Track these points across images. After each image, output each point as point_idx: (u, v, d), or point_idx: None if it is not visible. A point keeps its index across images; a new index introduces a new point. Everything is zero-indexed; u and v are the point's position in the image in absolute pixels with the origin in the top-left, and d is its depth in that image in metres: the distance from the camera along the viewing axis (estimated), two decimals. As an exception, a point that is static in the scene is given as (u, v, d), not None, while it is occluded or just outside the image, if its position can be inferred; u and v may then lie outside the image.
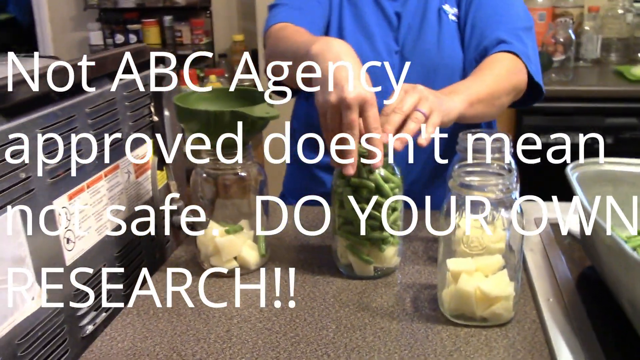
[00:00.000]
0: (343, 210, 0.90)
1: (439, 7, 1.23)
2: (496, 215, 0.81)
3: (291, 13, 1.20)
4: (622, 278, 0.74)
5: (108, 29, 3.08)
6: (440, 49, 1.22)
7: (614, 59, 2.75)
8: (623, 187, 0.96)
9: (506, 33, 1.15)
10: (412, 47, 1.22)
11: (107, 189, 0.93)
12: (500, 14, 1.19)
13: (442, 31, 1.22)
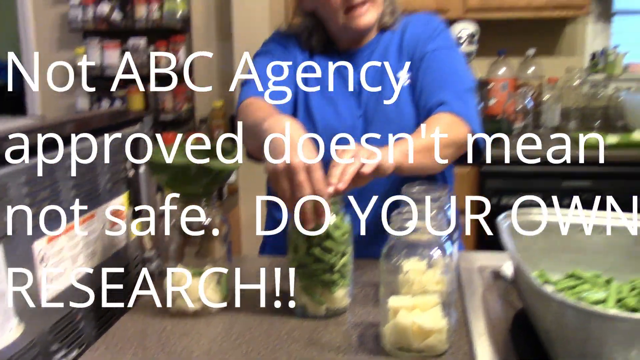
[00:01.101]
0: (297, 255, 0.99)
1: (394, 75, 1.36)
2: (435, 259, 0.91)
3: (259, 87, 1.31)
4: (537, 310, 0.83)
5: (94, 95, 3.22)
6: (399, 113, 1.33)
7: (573, 126, 2.92)
8: (552, 236, 1.07)
9: (448, 95, 1.27)
10: (373, 112, 1.34)
11: (83, 235, 1.02)
12: (444, 78, 1.32)
13: (400, 96, 1.35)
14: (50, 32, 3.33)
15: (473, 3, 2.76)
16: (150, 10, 3.06)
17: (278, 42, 1.43)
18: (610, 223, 1.06)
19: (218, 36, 3.19)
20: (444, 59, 1.35)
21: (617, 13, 3.14)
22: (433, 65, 1.34)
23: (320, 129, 1.34)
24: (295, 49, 1.41)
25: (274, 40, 1.45)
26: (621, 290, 0.90)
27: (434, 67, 1.33)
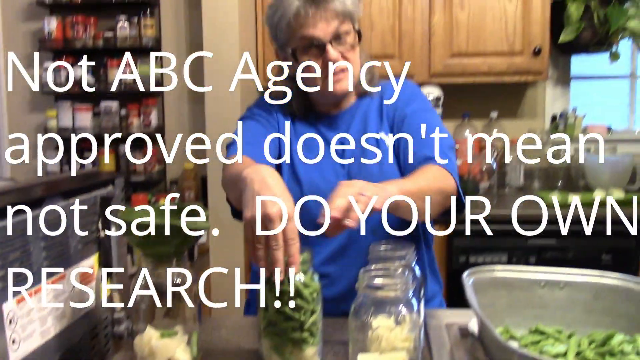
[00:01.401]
0: (267, 314, 1.00)
1: (376, 138, 1.43)
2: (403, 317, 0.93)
3: (243, 147, 1.37)
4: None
5: (65, 157, 3.22)
6: (382, 174, 1.38)
7: (536, 186, 3.00)
8: (515, 292, 1.10)
9: (433, 151, 1.34)
10: (357, 172, 1.39)
11: (52, 296, 1.01)
12: (427, 138, 1.38)
13: (382, 157, 1.41)
14: (21, 94, 3.35)
15: (437, 68, 2.87)
16: (123, 74, 3.11)
17: (262, 107, 1.49)
18: (571, 279, 1.10)
19: (189, 98, 3.24)
20: (425, 119, 1.42)
21: (574, 78, 3.29)
22: (415, 124, 1.41)
23: (305, 190, 1.38)
24: (278, 113, 1.47)
25: (257, 105, 1.51)
26: (581, 344, 0.93)
27: (415, 126, 1.40)
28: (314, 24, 1.33)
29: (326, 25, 1.33)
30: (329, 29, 1.34)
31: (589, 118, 3.26)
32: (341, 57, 1.36)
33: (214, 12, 2.73)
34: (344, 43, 1.36)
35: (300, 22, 1.34)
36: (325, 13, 1.33)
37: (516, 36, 2.82)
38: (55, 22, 3.12)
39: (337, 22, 1.34)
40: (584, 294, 1.08)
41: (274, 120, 1.46)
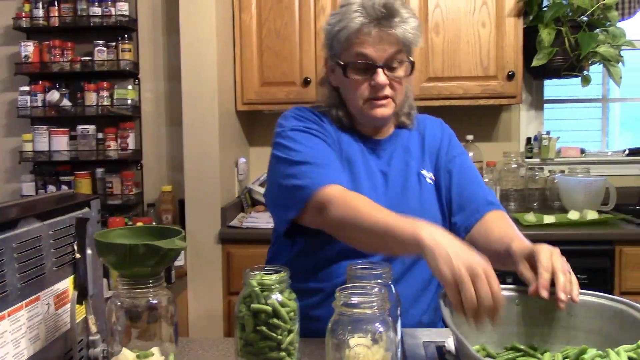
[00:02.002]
0: (244, 333, 1.00)
1: (417, 172, 1.45)
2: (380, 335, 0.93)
3: (335, 174, 1.31)
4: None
5: (41, 181, 3.19)
6: (422, 209, 1.40)
7: (512, 207, 3.04)
8: (490, 310, 1.11)
9: (491, 196, 1.43)
10: (397, 204, 1.37)
11: (27, 318, 1.00)
12: (477, 181, 1.46)
13: (422, 192, 1.43)
14: (-3, 118, 3.33)
15: (414, 92, 2.89)
16: (101, 98, 3.10)
17: (311, 120, 1.44)
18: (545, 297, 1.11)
19: (167, 121, 3.24)
20: (470, 164, 1.49)
21: (548, 102, 3.35)
22: (464, 167, 1.46)
23: None
24: (327, 124, 1.45)
25: (306, 118, 1.44)
26: (555, 358, 0.94)
27: (466, 169, 1.46)
28: (373, 44, 1.33)
29: (384, 49, 1.34)
30: (385, 53, 1.34)
31: (563, 140, 3.32)
32: (389, 84, 1.36)
33: (192, 37, 2.75)
34: (395, 71, 1.37)
35: (360, 39, 1.34)
36: (386, 36, 1.33)
37: (490, 61, 2.88)
38: (32, 46, 3.11)
39: (395, 49, 1.34)
40: (558, 311, 1.09)
41: (328, 134, 1.43)
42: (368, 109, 1.39)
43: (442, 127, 1.55)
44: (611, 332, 1.03)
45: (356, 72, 1.37)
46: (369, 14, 1.32)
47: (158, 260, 0.99)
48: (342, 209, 1.22)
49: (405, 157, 1.47)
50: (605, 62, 2.89)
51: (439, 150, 1.49)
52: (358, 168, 1.42)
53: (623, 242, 2.55)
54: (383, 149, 1.47)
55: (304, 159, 1.33)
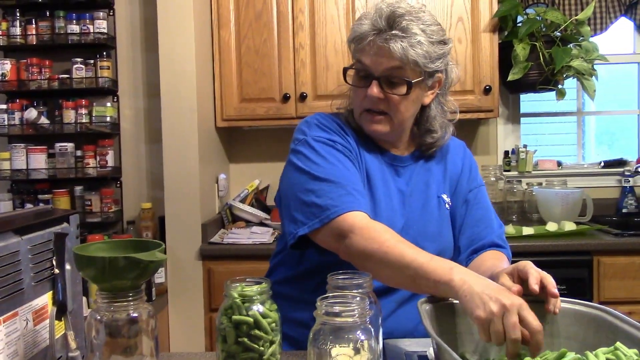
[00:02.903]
0: (226, 345, 1.00)
1: (438, 195, 1.43)
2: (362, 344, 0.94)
3: (359, 200, 1.25)
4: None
5: (19, 199, 3.16)
6: (439, 233, 1.41)
7: (492, 220, 3.06)
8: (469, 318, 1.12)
9: (497, 238, 1.42)
10: (415, 225, 1.37)
11: (4, 334, 0.99)
12: (490, 218, 1.45)
13: (441, 217, 1.42)
14: (-27, 137, 3.29)
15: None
16: (79, 115, 3.09)
17: (336, 131, 1.39)
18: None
19: (147, 138, 3.23)
20: (486, 198, 1.48)
21: (524, 115, 3.40)
22: (480, 202, 1.46)
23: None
24: (350, 136, 1.40)
25: (330, 129, 1.39)
26: None
27: (480, 204, 1.46)
28: (371, 54, 1.31)
29: (380, 62, 1.30)
30: (381, 66, 1.30)
31: (540, 154, 3.37)
32: (385, 99, 1.32)
33: (171, 54, 2.76)
34: (393, 87, 1.32)
35: (362, 46, 1.33)
36: (383, 50, 1.29)
37: (467, 75, 2.92)
38: (9, 64, 3.09)
39: (394, 64, 1.29)
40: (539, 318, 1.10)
41: (352, 147, 1.38)
42: (363, 120, 1.38)
43: (464, 154, 1.52)
44: (587, 338, 1.05)
45: (356, 79, 1.37)
46: (373, 23, 1.31)
47: (138, 273, 0.99)
48: (366, 241, 1.17)
49: (426, 178, 1.44)
50: (579, 76, 2.94)
51: (459, 177, 1.47)
52: (376, 183, 1.38)
53: (601, 252, 2.58)
54: (403, 166, 1.43)
55: (327, 176, 1.27)
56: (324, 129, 1.38)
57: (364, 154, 1.40)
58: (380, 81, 1.31)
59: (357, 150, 1.39)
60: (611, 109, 3.49)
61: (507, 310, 0.95)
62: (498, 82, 2.94)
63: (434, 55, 1.31)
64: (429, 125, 1.42)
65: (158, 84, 2.79)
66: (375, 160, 1.41)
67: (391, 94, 1.32)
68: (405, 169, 1.43)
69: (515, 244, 2.53)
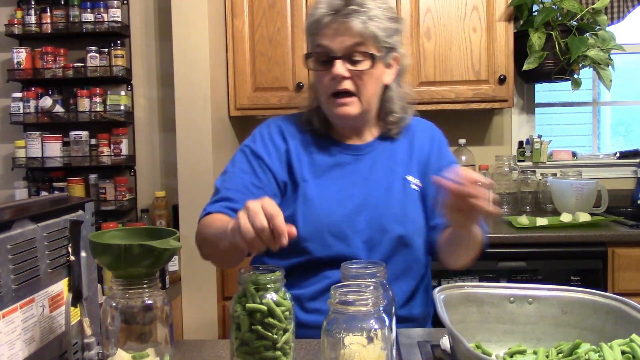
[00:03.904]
0: (239, 333, 1.00)
1: (403, 177, 1.42)
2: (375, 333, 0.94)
3: (217, 205, 1.37)
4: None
5: (34, 187, 3.18)
6: (404, 214, 1.39)
7: (506, 210, 3.05)
8: (484, 307, 1.12)
9: None
10: (379, 209, 1.37)
11: (21, 320, 1.00)
12: None
13: (407, 198, 1.41)
14: (-11, 125, 3.32)
15: (407, 96, 2.92)
16: (93, 104, 3.10)
17: (271, 138, 1.44)
18: (539, 294, 1.12)
19: (160, 127, 3.24)
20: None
21: (539, 105, 3.37)
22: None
23: (323, 221, 1.35)
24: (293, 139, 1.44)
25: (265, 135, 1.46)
26: (549, 354, 0.95)
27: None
28: (331, 35, 1.32)
29: (341, 40, 1.31)
30: (343, 44, 1.32)
31: (555, 144, 3.34)
32: (350, 78, 1.34)
33: (184, 43, 2.75)
34: (357, 65, 1.33)
35: (320, 29, 1.33)
36: (344, 27, 1.31)
37: (481, 65, 2.90)
38: (24, 53, 3.10)
39: (354, 40, 1.31)
40: (552, 308, 1.10)
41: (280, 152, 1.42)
42: (332, 106, 1.37)
43: (432, 135, 1.51)
44: (605, 329, 1.04)
45: (317, 64, 1.37)
46: (329, 5, 1.32)
47: (153, 261, 0.99)
48: (197, 235, 1.37)
49: (390, 163, 1.44)
50: (595, 65, 2.91)
51: (428, 159, 1.46)
52: (329, 173, 1.40)
53: (615, 243, 2.56)
54: (365, 153, 1.44)
55: (219, 184, 1.43)
56: (259, 137, 1.46)
57: (312, 151, 1.43)
58: (343, 59, 1.33)
59: (298, 151, 1.42)
60: (627, 99, 3.45)
61: (247, 208, 1.00)
62: (513, 71, 2.91)
63: (390, 30, 1.35)
64: (390, 105, 1.44)
65: (172, 73, 2.79)
66: (329, 154, 1.43)
67: (357, 70, 1.33)
68: (366, 156, 1.44)
69: (529, 235, 2.53)
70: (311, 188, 1.39)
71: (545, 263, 2.51)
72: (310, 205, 1.38)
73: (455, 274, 2.49)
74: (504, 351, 1.06)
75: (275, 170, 1.41)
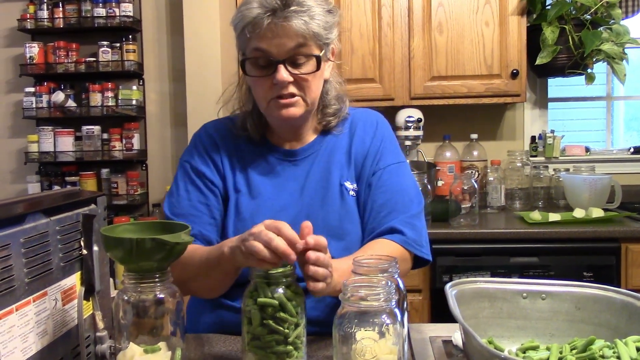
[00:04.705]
0: (251, 327, 1.00)
1: (340, 183, 1.34)
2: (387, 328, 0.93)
3: (193, 227, 1.28)
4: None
5: (47, 181, 3.20)
6: (340, 226, 1.32)
7: (518, 206, 3.03)
8: (498, 303, 1.11)
9: (399, 223, 1.30)
10: (314, 220, 1.26)
11: (34, 313, 1.00)
12: (395, 201, 1.32)
13: (343, 206, 1.33)
14: (3, 119, 3.34)
15: (418, 91, 2.91)
16: (105, 98, 3.11)
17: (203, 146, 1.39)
18: (552, 289, 1.11)
19: (172, 122, 3.25)
20: (395, 179, 1.35)
21: (552, 100, 3.34)
22: (384, 185, 1.34)
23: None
24: (228, 146, 1.38)
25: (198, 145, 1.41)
26: (562, 350, 0.94)
27: (385, 188, 1.34)
28: (269, 38, 1.21)
29: (281, 43, 1.21)
30: (284, 48, 1.22)
31: (567, 139, 3.32)
32: (294, 81, 1.25)
33: (196, 38, 2.76)
34: (301, 67, 1.25)
35: (256, 32, 1.22)
36: (285, 29, 1.21)
37: (494, 59, 2.88)
38: (37, 48, 3.12)
39: (297, 42, 1.22)
40: (566, 304, 1.09)
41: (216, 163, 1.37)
42: (274, 109, 1.27)
43: (375, 130, 1.40)
44: (619, 325, 1.03)
45: (256, 69, 1.26)
46: (264, 5, 1.20)
47: (165, 255, 1.00)
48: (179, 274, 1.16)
49: (328, 165, 1.35)
50: (609, 59, 2.88)
51: (365, 159, 1.36)
52: (263, 182, 1.34)
53: (629, 239, 2.54)
54: (302, 158, 1.36)
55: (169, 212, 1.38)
56: (192, 148, 1.40)
57: (246, 159, 1.37)
58: (285, 63, 1.24)
59: (231, 161, 1.37)
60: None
61: (251, 234, 1.01)
62: (526, 66, 2.89)
63: (329, 25, 1.26)
64: (327, 98, 1.37)
65: (183, 68, 2.79)
66: (265, 161, 1.36)
67: (301, 74, 1.25)
68: (304, 161, 1.36)
69: (542, 230, 2.51)
70: (243, 200, 1.33)
71: (558, 259, 2.49)
72: (242, 220, 1.32)
73: (466, 269, 2.48)
74: (517, 347, 1.06)
75: (217, 184, 1.36)
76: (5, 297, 0.92)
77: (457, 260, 2.50)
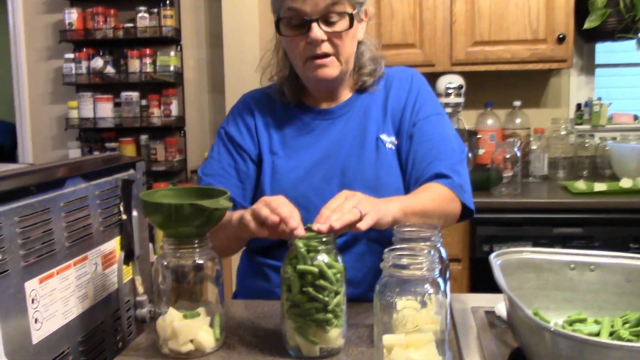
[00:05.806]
0: (290, 294, 0.99)
1: (376, 137, 1.34)
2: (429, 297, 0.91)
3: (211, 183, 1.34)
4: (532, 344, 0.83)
5: (87, 147, 3.24)
6: (377, 177, 1.31)
7: (561, 175, 2.96)
8: (544, 274, 1.07)
9: (444, 168, 1.28)
10: (351, 174, 1.31)
11: (75, 277, 1.01)
12: (439, 149, 1.32)
13: (380, 160, 1.32)
14: (43, 86, 3.38)
15: (459, 57, 2.83)
16: (144, 65, 3.11)
17: (242, 115, 1.42)
18: (602, 261, 1.07)
19: (210, 88, 3.24)
20: (436, 129, 1.35)
21: (599, 66, 3.22)
22: (426, 134, 1.33)
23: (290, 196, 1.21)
24: (263, 111, 1.40)
25: (236, 114, 1.43)
26: (614, 324, 0.90)
27: (427, 137, 1.33)
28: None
29: (316, 1, 1.22)
30: (318, 6, 1.22)
31: (615, 106, 3.20)
32: (328, 40, 1.26)
33: (233, 3, 2.72)
34: (334, 25, 1.26)
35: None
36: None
37: (539, 23, 2.77)
38: (75, 14, 3.13)
39: (331, 0, 1.23)
40: (616, 276, 1.05)
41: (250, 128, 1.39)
42: (309, 70, 1.29)
43: (410, 85, 1.40)
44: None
45: (290, 29, 1.27)
46: None
47: (203, 221, 0.99)
48: None
49: (364, 121, 1.35)
50: (663, 23, 2.75)
51: (403, 112, 1.36)
52: (300, 142, 1.35)
53: (678, 210, 2.45)
54: (338, 116, 1.37)
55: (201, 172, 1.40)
56: (231, 117, 1.43)
57: (281, 121, 1.39)
58: (319, 21, 1.24)
59: (267, 125, 1.39)
60: (695, 59, 3.26)
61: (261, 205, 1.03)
62: (573, 30, 2.78)
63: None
64: (362, 59, 1.38)
65: (221, 34, 2.77)
66: (301, 122, 1.38)
67: (335, 32, 1.26)
68: (339, 118, 1.37)
69: (587, 201, 2.45)
70: (280, 161, 1.35)
71: (603, 230, 2.42)
72: (278, 178, 1.33)
73: (507, 239, 2.43)
74: (563, 319, 1.02)
75: (248, 149, 1.38)
76: (46, 260, 0.93)
77: (498, 230, 2.45)
